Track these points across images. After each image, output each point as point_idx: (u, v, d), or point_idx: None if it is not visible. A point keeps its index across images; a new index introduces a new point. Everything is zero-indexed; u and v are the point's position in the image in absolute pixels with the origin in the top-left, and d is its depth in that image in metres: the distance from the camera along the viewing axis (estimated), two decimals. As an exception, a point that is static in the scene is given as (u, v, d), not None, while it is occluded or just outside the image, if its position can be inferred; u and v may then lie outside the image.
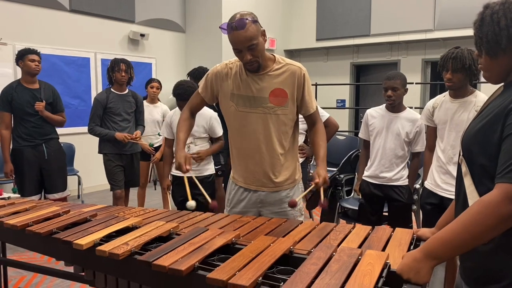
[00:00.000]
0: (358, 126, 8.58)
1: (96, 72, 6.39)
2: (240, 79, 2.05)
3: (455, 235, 1.10)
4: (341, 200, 3.90)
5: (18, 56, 3.84)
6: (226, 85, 2.08)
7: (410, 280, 1.13)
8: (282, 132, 2.08)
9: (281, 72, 2.04)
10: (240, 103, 2.05)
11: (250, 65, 1.97)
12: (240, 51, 1.93)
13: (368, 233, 1.59)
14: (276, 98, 2.02)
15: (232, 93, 2.06)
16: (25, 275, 3.37)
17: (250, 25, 1.89)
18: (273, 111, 2.03)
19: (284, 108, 2.05)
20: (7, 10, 5.39)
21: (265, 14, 8.16)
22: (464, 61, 2.42)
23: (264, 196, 2.14)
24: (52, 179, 3.99)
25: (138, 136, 4.07)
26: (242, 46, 1.91)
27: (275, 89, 2.02)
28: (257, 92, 2.03)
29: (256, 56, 1.94)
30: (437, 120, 2.66)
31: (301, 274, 1.19)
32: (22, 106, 3.81)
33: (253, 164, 2.11)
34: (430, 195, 2.65)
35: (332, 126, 3.21)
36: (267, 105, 2.03)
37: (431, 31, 7.43)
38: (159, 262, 1.32)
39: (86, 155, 5.07)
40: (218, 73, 2.10)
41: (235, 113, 2.07)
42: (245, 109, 2.05)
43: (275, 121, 2.05)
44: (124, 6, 6.67)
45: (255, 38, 1.91)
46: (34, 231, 1.71)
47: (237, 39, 1.90)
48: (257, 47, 1.93)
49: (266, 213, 2.16)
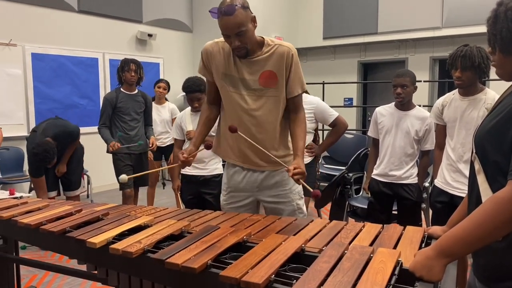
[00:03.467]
0: (366, 125, 8.56)
1: (104, 72, 6.43)
2: (233, 61, 2.04)
3: (468, 232, 1.10)
4: (350, 199, 3.90)
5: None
6: (218, 63, 2.08)
7: (422, 278, 1.13)
8: (273, 115, 2.07)
9: (270, 54, 2.03)
10: (231, 84, 2.06)
11: (238, 51, 1.97)
12: (228, 36, 1.93)
13: (379, 231, 1.59)
14: (266, 80, 2.02)
15: (224, 73, 2.07)
16: (37, 274, 3.40)
17: (239, 11, 1.88)
18: (263, 93, 2.04)
19: (275, 90, 2.05)
20: (17, 12, 5.44)
21: (272, 12, 8.16)
22: (473, 59, 2.41)
23: (260, 177, 2.14)
24: (67, 177, 4.03)
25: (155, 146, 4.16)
26: (231, 32, 1.90)
27: (264, 71, 2.02)
28: (247, 74, 2.03)
29: (244, 43, 1.93)
30: (447, 118, 2.65)
31: (314, 272, 1.19)
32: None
33: (243, 145, 2.09)
34: (440, 194, 2.64)
35: (341, 125, 3.20)
36: (257, 87, 2.04)
37: (439, 28, 7.39)
38: (172, 260, 1.33)
39: (95, 155, 5.12)
40: (209, 52, 2.10)
41: (228, 93, 2.08)
42: (236, 90, 2.06)
43: (265, 103, 2.05)
44: (131, 7, 6.71)
45: (244, 25, 1.90)
46: (48, 230, 1.73)
47: (226, 25, 1.89)
48: (246, 34, 1.92)
49: (263, 196, 2.17)
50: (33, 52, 5.46)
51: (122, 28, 6.64)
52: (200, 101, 3.16)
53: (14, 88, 5.18)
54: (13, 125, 4.18)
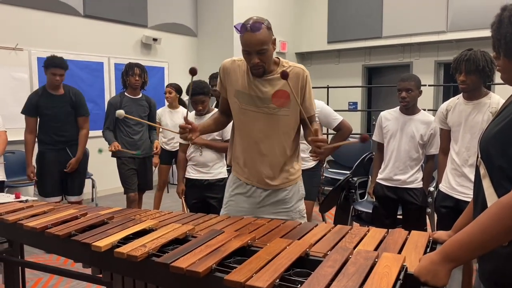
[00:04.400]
0: (370, 129, 8.54)
1: (110, 76, 6.46)
2: (248, 78, 2.07)
3: (473, 237, 1.09)
4: (354, 203, 3.89)
5: (44, 65, 3.89)
6: (233, 81, 2.11)
7: (427, 283, 1.13)
8: (284, 134, 2.10)
9: None
10: (243, 101, 2.09)
11: (256, 69, 2.00)
12: (249, 53, 1.96)
13: (383, 236, 1.59)
14: (279, 99, 2.04)
15: (238, 90, 2.10)
16: (42, 277, 3.42)
17: (264, 30, 1.92)
18: (275, 111, 2.06)
19: (286, 110, 2.07)
20: (23, 16, 5.49)
21: (276, 17, 8.18)
22: (477, 63, 2.41)
23: (263, 194, 2.17)
24: (71, 182, 4.04)
25: (158, 149, 4.18)
26: (253, 48, 1.93)
27: (277, 90, 2.04)
28: (260, 92, 2.06)
29: (263, 61, 1.97)
30: (451, 122, 2.64)
31: (318, 276, 1.19)
32: (46, 113, 3.86)
33: (252, 162, 2.13)
34: (445, 198, 2.63)
35: (346, 129, 3.19)
36: (269, 105, 2.06)
37: (443, 32, 7.38)
38: (177, 264, 1.33)
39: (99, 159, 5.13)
40: (226, 68, 2.14)
41: (239, 110, 2.11)
42: (248, 107, 2.09)
43: (276, 122, 2.08)
44: (136, 11, 6.75)
45: (266, 44, 1.94)
46: (53, 233, 1.74)
47: (249, 41, 1.92)
48: (266, 53, 1.96)
49: (262, 214, 2.18)
50: (39, 57, 5.49)
51: (127, 33, 6.68)
52: (204, 103, 3.17)
53: (20, 92, 5.22)
54: (19, 129, 4.20)
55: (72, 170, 3.98)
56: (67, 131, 3.94)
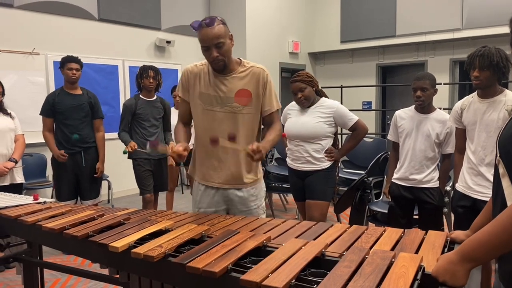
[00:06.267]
0: (385, 128, 8.48)
1: (124, 79, 6.53)
2: (209, 79, 2.15)
3: (492, 237, 1.08)
4: (370, 203, 3.87)
5: (60, 64, 3.95)
6: (196, 84, 2.18)
7: (446, 283, 1.12)
8: (248, 132, 2.18)
9: (246, 74, 2.17)
10: (207, 102, 2.15)
11: (216, 63, 2.08)
12: (208, 48, 2.04)
13: (400, 236, 1.58)
14: (241, 98, 2.14)
15: (201, 92, 2.16)
16: (60, 278, 3.46)
17: (218, 24, 2.04)
18: (239, 110, 2.15)
19: (249, 108, 2.16)
20: (39, 22, 5.58)
21: (289, 17, 8.18)
22: (491, 58, 2.37)
23: (231, 194, 2.23)
24: (86, 186, 4.07)
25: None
26: (210, 42, 2.02)
27: (240, 89, 2.14)
28: (224, 92, 2.13)
29: (222, 55, 2.05)
30: (466, 121, 2.61)
31: (334, 276, 1.19)
32: (63, 111, 3.90)
33: (219, 163, 2.19)
34: (462, 198, 2.59)
35: (361, 129, 3.17)
36: (232, 104, 2.13)
37: (459, 30, 7.29)
38: (193, 264, 1.34)
39: (115, 161, 5.19)
40: (190, 73, 2.21)
41: (203, 111, 2.17)
42: (212, 108, 2.15)
43: (241, 120, 2.15)
44: (150, 14, 6.81)
45: (223, 37, 2.04)
46: (71, 234, 1.76)
47: (206, 36, 2.03)
48: (224, 46, 2.05)
49: (234, 212, 2.25)
50: (55, 60, 5.57)
51: (141, 36, 6.75)
52: None
53: (37, 96, 5.30)
54: (36, 132, 4.27)
55: (101, 174, 4.08)
56: (83, 130, 3.97)
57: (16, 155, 3.71)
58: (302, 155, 3.15)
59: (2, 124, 3.66)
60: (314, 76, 3.23)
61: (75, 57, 3.97)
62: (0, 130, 3.63)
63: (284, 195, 5.66)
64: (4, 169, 3.57)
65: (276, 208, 5.68)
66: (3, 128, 3.66)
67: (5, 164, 3.59)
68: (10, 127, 3.72)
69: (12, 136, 3.74)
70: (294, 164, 3.23)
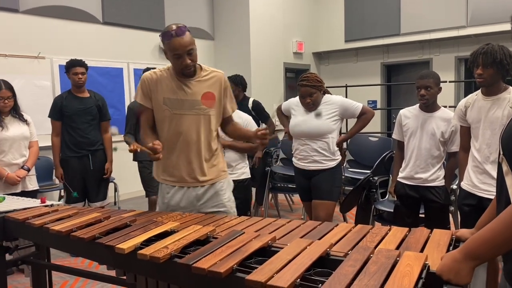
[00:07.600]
0: (390, 127, 8.45)
1: (129, 82, 6.57)
2: (173, 84, 2.21)
3: (496, 234, 1.08)
4: (375, 203, 3.86)
5: (65, 69, 3.96)
6: (159, 90, 2.23)
7: (450, 281, 1.12)
8: (211, 132, 2.29)
9: (209, 78, 2.28)
10: (175, 106, 2.21)
11: (188, 69, 2.17)
12: (180, 56, 2.12)
13: (405, 235, 1.58)
14: (207, 100, 2.25)
15: (165, 97, 2.21)
16: (68, 280, 3.49)
17: (187, 33, 2.13)
18: (206, 112, 2.25)
19: (213, 110, 2.28)
20: (44, 26, 5.63)
21: (292, 17, 8.18)
22: (494, 55, 2.37)
23: (199, 192, 2.29)
24: (93, 189, 4.09)
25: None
26: (183, 50, 2.11)
27: (206, 92, 2.25)
28: (190, 95, 2.22)
29: (193, 61, 2.17)
30: (470, 119, 2.60)
31: (339, 276, 1.19)
32: (70, 114, 3.92)
33: (186, 162, 2.25)
34: (468, 196, 2.58)
35: (369, 112, 3.23)
36: (200, 107, 2.23)
37: (463, 27, 7.26)
38: (199, 264, 1.35)
39: (121, 163, 5.21)
40: (150, 80, 2.26)
41: (171, 116, 2.22)
42: (180, 112, 2.21)
43: (206, 122, 2.26)
44: (154, 17, 6.84)
45: (193, 44, 2.15)
46: (78, 236, 1.78)
47: (179, 44, 2.10)
48: (193, 52, 2.16)
49: (205, 209, 2.29)
50: (61, 64, 5.59)
51: (145, 38, 6.77)
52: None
53: (43, 99, 5.35)
54: (43, 135, 4.29)
55: (111, 174, 4.12)
56: (91, 133, 3.99)
57: (29, 163, 3.65)
58: (308, 154, 3.15)
59: (17, 132, 3.59)
60: (322, 79, 3.23)
61: (79, 60, 3.98)
62: (14, 138, 3.55)
63: (289, 195, 5.66)
64: (16, 178, 3.52)
65: (282, 208, 5.69)
66: (18, 136, 3.58)
67: (17, 173, 3.54)
68: (25, 135, 3.65)
69: (26, 144, 3.68)
70: (301, 164, 3.23)
